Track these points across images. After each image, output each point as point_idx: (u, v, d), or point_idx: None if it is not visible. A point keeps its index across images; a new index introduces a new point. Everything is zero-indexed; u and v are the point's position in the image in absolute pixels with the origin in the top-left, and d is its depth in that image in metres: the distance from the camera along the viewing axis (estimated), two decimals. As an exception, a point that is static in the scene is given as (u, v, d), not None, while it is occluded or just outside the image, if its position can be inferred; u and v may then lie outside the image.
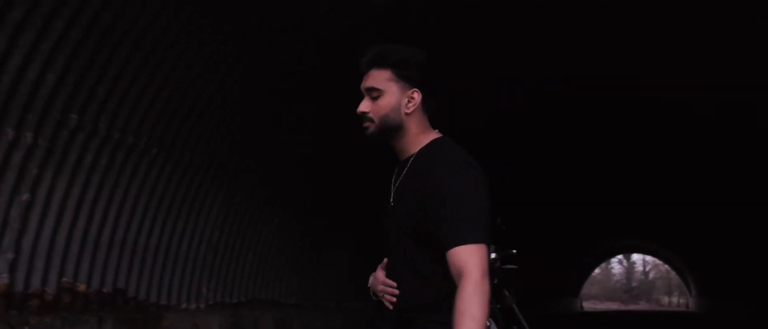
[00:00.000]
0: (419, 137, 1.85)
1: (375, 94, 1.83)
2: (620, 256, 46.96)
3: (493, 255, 3.59)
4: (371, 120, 1.84)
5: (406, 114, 1.83)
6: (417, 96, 1.83)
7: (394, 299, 1.80)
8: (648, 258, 46.61)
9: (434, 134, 1.88)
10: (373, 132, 1.84)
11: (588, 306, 38.08)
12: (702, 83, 9.07)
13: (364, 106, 1.85)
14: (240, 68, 6.27)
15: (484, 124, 10.28)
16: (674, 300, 46.88)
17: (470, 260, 1.67)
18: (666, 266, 39.40)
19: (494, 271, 3.59)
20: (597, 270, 42.18)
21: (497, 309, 3.50)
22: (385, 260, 1.88)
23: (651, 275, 52.64)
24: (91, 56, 4.82)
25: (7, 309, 4.39)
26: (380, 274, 1.88)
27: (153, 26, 5.19)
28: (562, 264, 23.26)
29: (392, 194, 1.86)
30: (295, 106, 7.22)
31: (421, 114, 1.86)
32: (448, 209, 1.69)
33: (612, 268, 52.84)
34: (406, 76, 1.82)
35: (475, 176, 1.76)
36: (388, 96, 1.82)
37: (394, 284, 1.80)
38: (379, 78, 1.83)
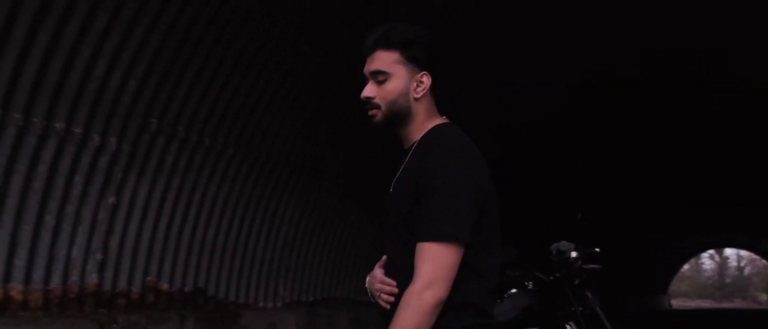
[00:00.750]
0: (425, 124, 1.73)
1: (381, 77, 1.71)
2: (711, 251, 44.50)
3: (573, 254, 3.41)
4: (377, 106, 1.72)
5: (415, 99, 1.71)
6: (426, 80, 1.72)
7: (392, 298, 1.65)
8: (743, 252, 43.95)
9: (439, 120, 1.75)
10: (380, 120, 1.72)
11: (677, 303, 36.35)
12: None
13: (369, 91, 1.74)
14: (313, 69, 6.31)
15: (560, 113, 9.92)
16: (774, 297, 44.00)
17: (422, 264, 1.54)
18: (764, 261, 37.03)
19: (575, 271, 3.40)
20: (686, 266, 40.21)
21: (579, 312, 3.31)
22: (384, 258, 1.73)
23: (746, 270, 49.63)
24: (169, 61, 4.97)
25: (97, 307, 4.59)
26: (378, 272, 1.72)
27: (227, 29, 5.29)
28: (648, 260, 22.27)
29: (393, 184, 1.75)
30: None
31: (429, 99, 1.74)
32: (428, 200, 1.57)
33: (702, 264, 50.22)
34: (415, 59, 1.71)
35: (467, 165, 1.61)
36: (395, 80, 1.71)
37: (394, 282, 1.66)
38: (386, 60, 1.71)
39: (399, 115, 1.71)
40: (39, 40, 4.15)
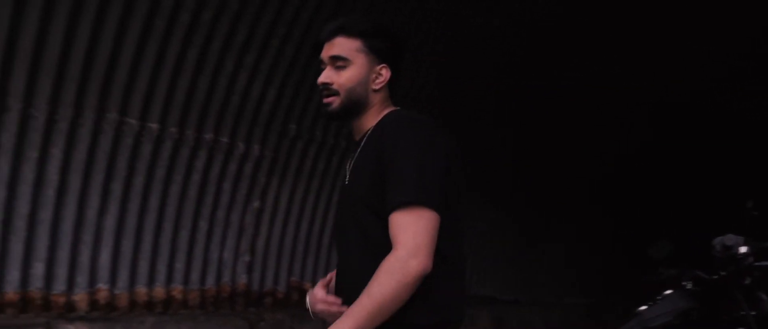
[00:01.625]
0: (379, 114, 1.67)
1: (340, 63, 1.65)
2: None
3: (743, 249, 3.00)
4: (335, 93, 1.65)
5: (374, 91, 1.66)
6: (385, 73, 1.67)
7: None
8: None
9: (391, 108, 1.70)
10: (336, 108, 1.66)
11: None
12: None
13: (327, 76, 1.67)
14: (435, 73, 6.25)
15: (725, 88, 8.90)
16: None
17: (402, 232, 1.45)
18: None
19: (745, 269, 3.00)
20: None
21: (751, 316, 2.92)
22: (328, 275, 1.71)
23: None
24: (304, 69, 5.14)
25: (247, 306, 4.87)
26: (319, 292, 1.66)
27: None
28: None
29: (347, 174, 1.68)
30: (500, 103, 7.02)
31: (386, 92, 1.69)
32: (392, 168, 1.49)
33: None
34: (377, 50, 1.66)
35: (426, 133, 1.54)
36: (355, 67, 1.65)
37: (338, 300, 1.60)
38: (347, 47, 1.66)
39: (357, 104, 1.67)
40: (189, 59, 4.47)
